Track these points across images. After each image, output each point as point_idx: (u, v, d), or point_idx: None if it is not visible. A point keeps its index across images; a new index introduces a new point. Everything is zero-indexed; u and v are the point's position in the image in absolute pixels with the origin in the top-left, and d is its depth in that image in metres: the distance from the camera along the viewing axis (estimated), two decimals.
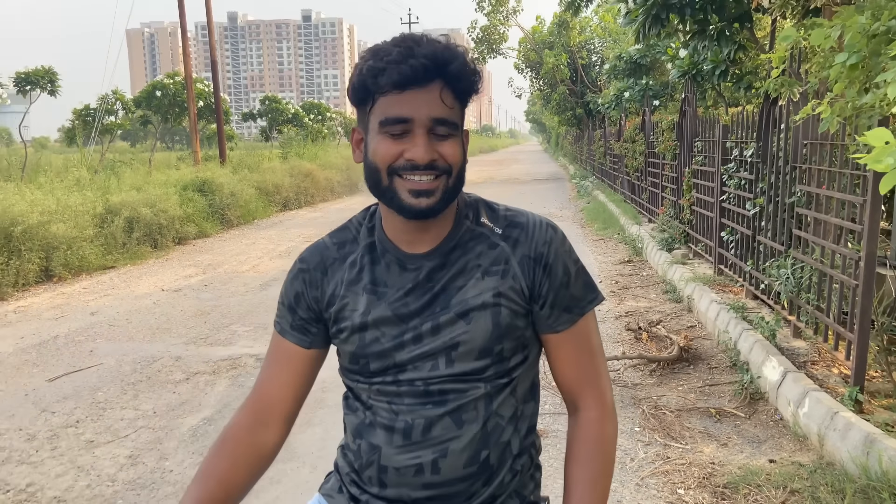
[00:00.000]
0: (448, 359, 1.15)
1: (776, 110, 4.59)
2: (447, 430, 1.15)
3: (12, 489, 3.13)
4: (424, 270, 1.17)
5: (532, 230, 1.19)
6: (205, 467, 1.20)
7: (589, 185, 17.33)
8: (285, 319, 1.26)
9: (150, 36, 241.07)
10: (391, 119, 1.08)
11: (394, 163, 1.09)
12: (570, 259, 1.20)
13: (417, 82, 1.06)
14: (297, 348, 1.24)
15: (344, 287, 1.21)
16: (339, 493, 1.25)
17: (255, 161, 17.03)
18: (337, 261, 1.23)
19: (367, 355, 1.18)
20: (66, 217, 8.44)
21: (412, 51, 1.06)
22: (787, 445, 3.25)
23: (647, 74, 14.27)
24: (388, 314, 1.17)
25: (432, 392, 1.15)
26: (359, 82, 1.09)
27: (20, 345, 5.44)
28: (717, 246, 6.18)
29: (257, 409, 1.25)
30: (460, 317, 1.14)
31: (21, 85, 13.69)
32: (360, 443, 1.20)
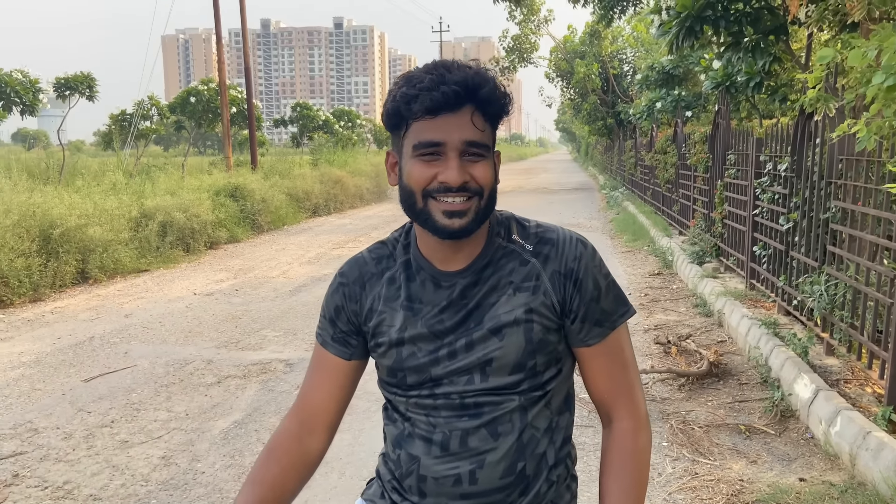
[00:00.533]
0: (482, 374, 1.18)
1: (811, 125, 4.54)
2: (483, 442, 1.18)
3: (50, 486, 3.22)
4: (458, 288, 1.20)
5: (562, 246, 1.21)
6: (257, 473, 1.24)
7: (619, 195, 17.24)
8: (326, 331, 1.30)
9: (184, 42, 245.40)
10: (424, 143, 1.11)
11: (428, 185, 1.13)
12: (601, 274, 1.22)
13: (449, 108, 1.09)
14: (339, 360, 1.29)
15: (382, 302, 1.25)
16: (381, 498, 1.29)
17: (286, 167, 17.24)
18: (375, 276, 1.27)
19: (404, 369, 1.22)
20: (103, 220, 8.64)
21: (444, 77, 1.09)
22: (817, 464, 3.21)
23: (679, 85, 14.17)
24: (423, 331, 1.20)
25: (468, 405, 1.19)
26: (393, 108, 1.13)
27: (57, 345, 5.58)
28: (749, 260, 6.11)
29: (302, 418, 1.29)
30: (493, 333, 1.17)
31: (60, 90, 14.04)
32: (399, 453, 1.24)
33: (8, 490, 3.17)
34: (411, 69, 1.16)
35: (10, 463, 3.44)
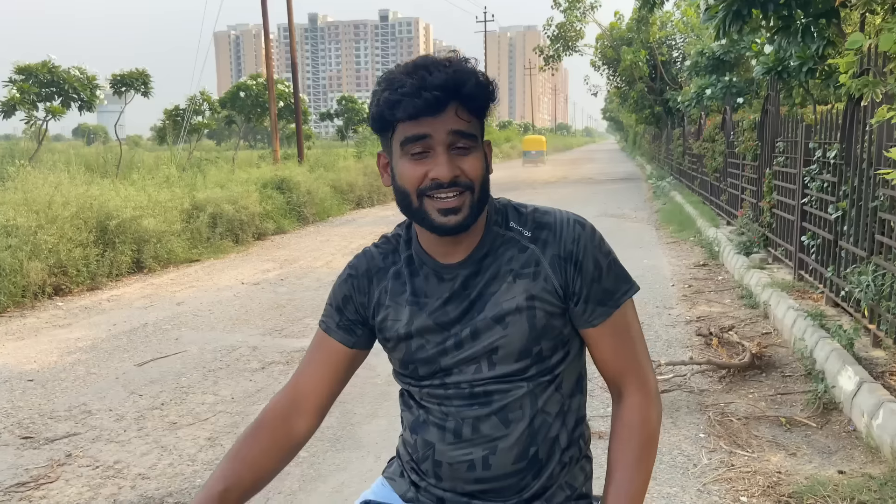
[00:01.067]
0: (489, 362, 1.21)
1: (860, 111, 4.41)
2: (495, 429, 1.21)
3: (101, 465, 3.37)
4: (460, 279, 1.22)
5: (560, 229, 1.22)
6: (237, 450, 1.24)
7: (666, 185, 16.95)
8: (332, 319, 1.33)
9: (235, 38, 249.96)
10: (411, 137, 1.12)
11: (420, 184, 1.14)
12: (601, 253, 1.23)
13: (432, 112, 1.10)
14: (341, 346, 1.31)
15: (388, 297, 1.28)
16: (401, 477, 1.34)
17: (331, 160, 17.49)
18: (382, 270, 1.30)
19: (414, 361, 1.25)
20: (156, 212, 8.93)
21: (424, 81, 1.09)
22: (858, 457, 3.15)
23: (730, 71, 13.82)
24: (429, 323, 1.23)
25: (477, 394, 1.21)
26: (377, 113, 1.15)
27: (112, 331, 5.81)
28: (798, 251, 5.97)
29: (294, 399, 1.30)
30: (496, 321, 1.19)
31: (117, 86, 14.50)
32: (416, 438, 1.28)
33: (61, 469, 3.34)
34: (392, 68, 1.17)
35: (63, 443, 3.62)
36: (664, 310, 5.95)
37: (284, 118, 21.15)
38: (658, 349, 4.85)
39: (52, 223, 7.37)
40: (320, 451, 3.45)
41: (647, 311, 5.91)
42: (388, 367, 1.39)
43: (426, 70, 1.10)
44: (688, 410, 3.77)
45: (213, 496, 1.15)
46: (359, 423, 3.78)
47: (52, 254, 7.12)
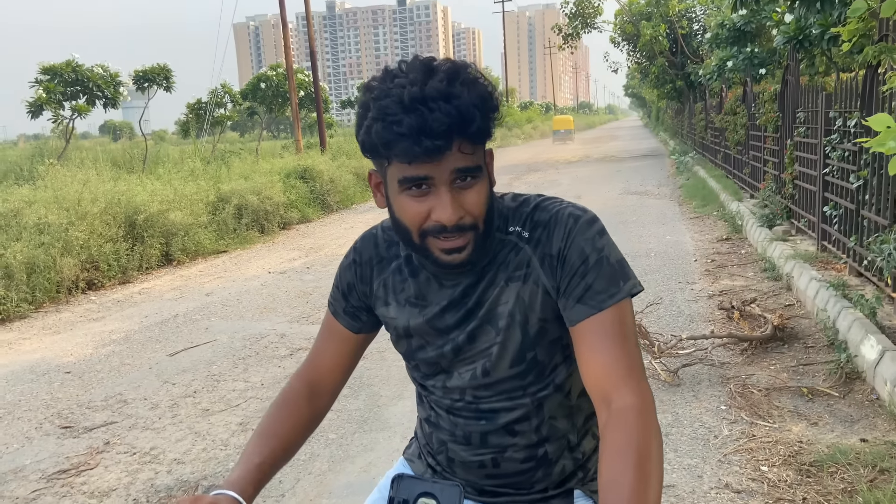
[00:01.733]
0: (484, 368, 1.19)
1: (878, 78, 4.35)
2: (503, 439, 1.23)
3: (138, 452, 3.51)
4: (460, 287, 1.19)
5: (553, 226, 1.14)
6: (268, 426, 1.26)
7: (689, 160, 16.77)
8: (339, 303, 1.32)
9: (254, 29, 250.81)
10: (410, 178, 1.04)
11: (423, 225, 1.08)
12: (592, 246, 1.11)
13: (432, 158, 1.02)
14: (347, 331, 1.32)
15: (388, 292, 1.26)
16: (419, 458, 1.37)
17: (353, 147, 17.55)
18: (385, 260, 1.27)
19: (415, 358, 1.27)
20: (183, 205, 9.11)
21: (425, 124, 0.98)
22: (881, 425, 3.15)
23: (752, 42, 13.58)
24: (427, 328, 1.22)
25: (483, 410, 1.22)
26: (370, 143, 1.05)
27: (144, 323, 5.98)
28: (820, 221, 5.92)
29: (311, 380, 1.33)
30: (491, 326, 1.18)
31: (139, 82, 14.71)
32: (430, 432, 1.31)
33: (100, 456, 3.48)
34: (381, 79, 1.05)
35: (101, 431, 3.77)
36: (686, 285, 5.95)
37: (305, 107, 21.26)
38: (680, 324, 4.87)
39: (83, 220, 7.56)
40: (348, 432, 3.55)
41: (669, 286, 5.92)
42: None
43: (425, 105, 0.99)
44: (709, 383, 3.80)
45: (252, 468, 1.18)
46: (385, 405, 3.87)
47: (84, 249, 7.31)
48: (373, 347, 1.43)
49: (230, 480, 1.14)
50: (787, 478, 2.78)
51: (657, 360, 3.95)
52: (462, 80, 1.02)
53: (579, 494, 1.27)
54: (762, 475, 2.83)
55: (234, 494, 1.10)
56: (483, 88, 1.04)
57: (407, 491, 1.14)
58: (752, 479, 2.80)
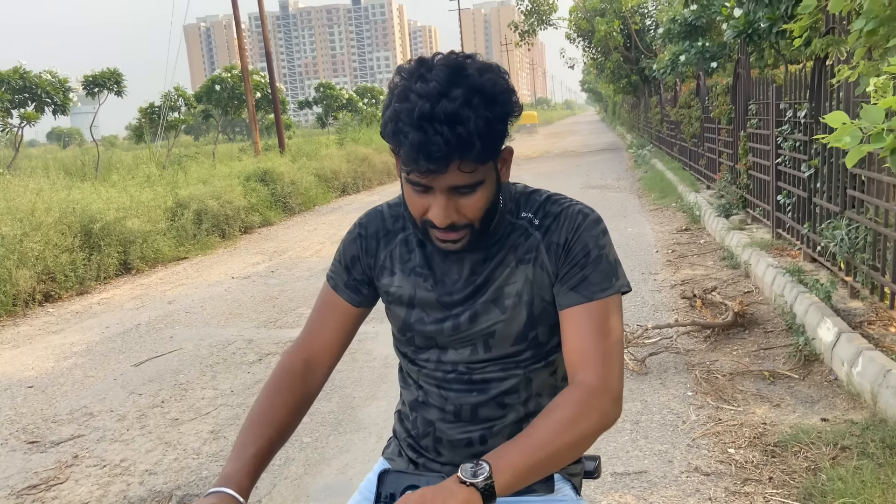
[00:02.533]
0: (486, 345, 1.24)
1: (827, 70, 4.51)
2: (492, 412, 1.26)
3: (108, 464, 3.45)
4: (468, 264, 1.24)
5: (563, 218, 1.22)
6: (263, 412, 1.24)
7: (646, 153, 17.07)
8: (340, 276, 1.35)
9: (206, 30, 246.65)
10: (412, 181, 1.12)
11: (422, 216, 1.15)
12: (595, 244, 1.20)
13: (426, 176, 1.08)
14: (348, 305, 1.34)
15: (395, 263, 1.30)
16: (399, 456, 1.38)
17: (313, 148, 17.45)
18: (391, 233, 1.31)
19: (412, 330, 1.29)
20: (140, 212, 8.93)
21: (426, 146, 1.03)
22: (840, 404, 3.28)
23: (703, 36, 13.87)
24: (431, 299, 1.26)
25: (475, 380, 1.26)
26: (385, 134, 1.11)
27: (106, 334, 5.86)
28: (774, 210, 6.10)
29: (307, 357, 1.32)
30: (496, 306, 1.22)
31: (89, 87, 14.38)
32: (416, 416, 1.33)
33: (69, 470, 3.41)
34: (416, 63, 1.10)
35: (69, 445, 3.69)
36: (649, 275, 6.07)
37: (262, 109, 21.05)
38: (645, 314, 4.97)
39: (37, 230, 7.37)
40: (323, 435, 3.55)
41: (633, 277, 6.03)
42: (385, 350, 1.46)
43: (431, 125, 1.03)
44: (675, 371, 3.89)
45: (247, 460, 1.16)
46: (359, 406, 3.87)
47: (40, 261, 7.13)
48: None
49: (224, 475, 1.12)
50: (754, 459, 2.88)
51: (625, 349, 4.03)
52: (476, 103, 1.04)
53: (559, 478, 1.31)
54: (729, 457, 2.92)
55: (229, 491, 1.09)
56: (496, 109, 1.07)
57: (393, 485, 1.16)
58: (720, 462, 2.89)
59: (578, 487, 1.35)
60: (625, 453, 3.05)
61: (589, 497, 2.70)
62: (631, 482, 2.81)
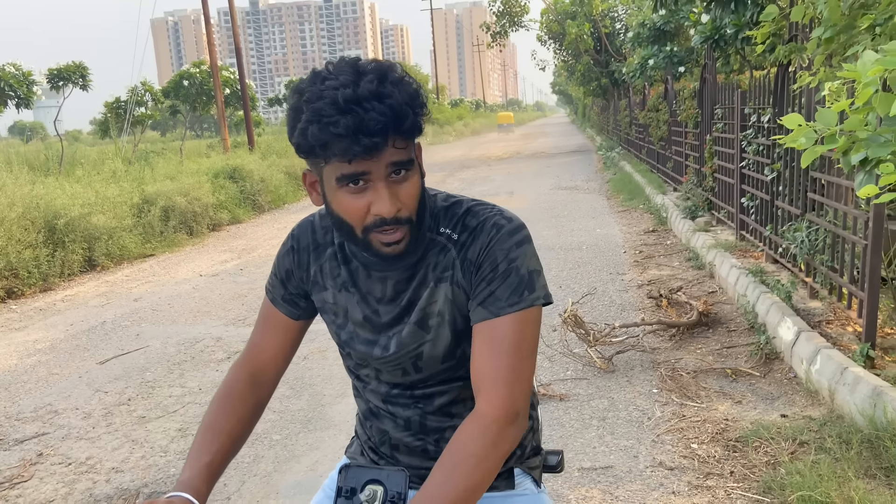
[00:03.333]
0: (415, 366, 1.24)
1: (789, 76, 4.63)
2: (441, 422, 1.28)
3: (73, 462, 3.41)
4: (390, 283, 1.22)
5: (478, 233, 1.18)
6: (213, 422, 1.25)
7: (615, 156, 17.27)
8: (277, 290, 1.34)
9: (174, 24, 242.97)
10: (349, 176, 1.07)
11: (364, 221, 1.11)
12: (505, 256, 1.16)
13: (370, 155, 1.05)
14: (287, 318, 1.34)
15: (324, 277, 1.28)
16: (361, 455, 1.40)
17: (283, 146, 17.29)
18: (321, 246, 1.30)
19: (348, 346, 1.29)
20: (106, 208, 8.79)
21: (361, 124, 1.01)
22: (799, 401, 3.38)
23: (671, 41, 14.11)
24: (360, 318, 1.25)
25: (418, 397, 1.27)
26: (305, 145, 1.06)
27: (70, 331, 5.76)
28: (738, 212, 6.24)
29: (253, 370, 1.33)
30: (421, 328, 1.21)
31: (54, 81, 14.08)
32: (370, 424, 1.34)
33: (34, 468, 3.36)
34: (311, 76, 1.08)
35: (33, 443, 3.64)
36: (617, 276, 6.17)
37: (231, 105, 20.83)
38: (613, 313, 5.05)
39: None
40: (292, 433, 3.54)
41: (601, 277, 6.12)
42: None
43: (360, 106, 1.02)
44: (641, 368, 3.97)
45: (202, 468, 1.18)
46: (329, 404, 3.87)
47: (2, 257, 6.98)
48: (313, 347, 1.45)
49: (182, 482, 1.15)
50: (716, 454, 2.96)
51: (592, 348, 4.10)
52: (391, 80, 1.05)
53: (518, 472, 1.34)
54: (693, 452, 2.99)
55: (187, 496, 1.11)
56: (411, 87, 1.08)
57: (354, 479, 1.18)
58: (683, 457, 2.96)
59: (539, 480, 1.37)
60: (591, 449, 3.10)
61: (555, 491, 2.76)
62: (597, 477, 2.87)
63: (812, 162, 4.26)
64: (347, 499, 1.16)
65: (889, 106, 1.03)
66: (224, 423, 1.26)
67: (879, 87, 1.04)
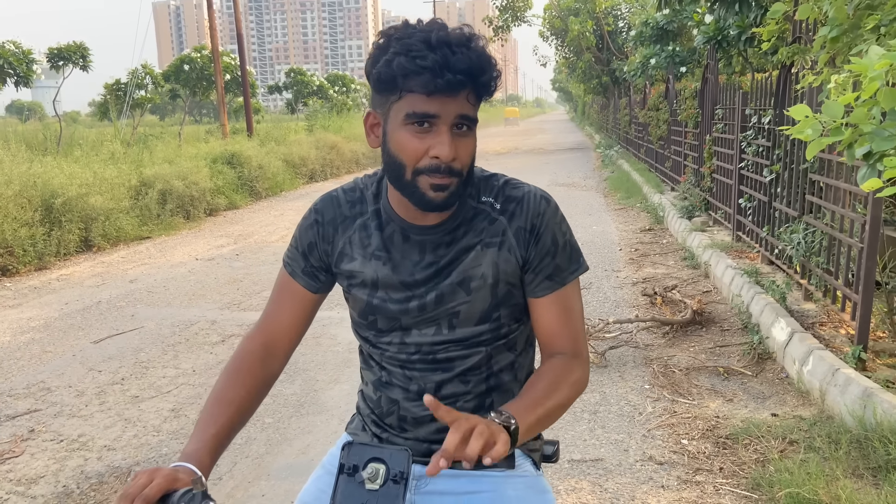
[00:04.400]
0: (450, 325, 1.26)
1: (792, 77, 4.64)
2: (455, 389, 1.29)
3: (65, 439, 3.41)
4: (430, 245, 1.25)
5: (527, 203, 1.25)
6: (223, 394, 1.27)
7: (614, 154, 17.29)
8: (297, 263, 1.34)
9: (175, 9, 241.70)
10: (419, 114, 1.11)
11: (419, 162, 1.14)
12: (560, 230, 1.27)
13: (448, 94, 1.10)
14: (305, 291, 1.34)
15: (353, 248, 1.29)
16: (363, 431, 1.40)
17: (282, 134, 17.28)
18: (348, 219, 1.31)
19: (375, 313, 1.30)
20: (103, 189, 8.76)
21: (447, 61, 1.07)
22: (790, 401, 3.40)
23: (673, 41, 14.11)
24: (394, 281, 1.26)
25: (440, 360, 1.28)
26: (387, 75, 1.10)
27: (65, 310, 5.75)
28: (736, 213, 6.26)
29: (266, 342, 1.34)
30: (461, 287, 1.24)
31: (54, 60, 14.00)
32: (380, 395, 1.34)
33: (25, 444, 3.36)
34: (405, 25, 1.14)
35: (25, 419, 3.64)
36: (612, 273, 6.18)
37: (231, 91, 20.75)
38: (607, 309, 5.07)
39: None
40: (285, 416, 3.55)
41: (596, 274, 6.14)
42: (349, 335, 1.47)
43: (448, 48, 1.08)
44: (634, 364, 3.99)
45: (207, 439, 1.18)
46: (322, 389, 3.88)
47: None
48: (307, 333, 1.44)
49: (186, 452, 1.15)
50: (706, 450, 2.98)
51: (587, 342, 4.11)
52: (477, 40, 1.13)
53: (519, 454, 1.35)
54: (683, 448, 3.01)
55: (191, 466, 1.11)
56: (491, 56, 1.15)
57: (357, 457, 1.18)
58: (673, 452, 2.98)
59: (538, 463, 1.39)
60: (582, 441, 3.12)
61: (547, 481, 2.77)
62: (587, 469, 2.88)
63: (811, 164, 4.29)
64: (349, 476, 1.16)
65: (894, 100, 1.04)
66: (233, 394, 1.26)
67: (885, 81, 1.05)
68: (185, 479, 1.08)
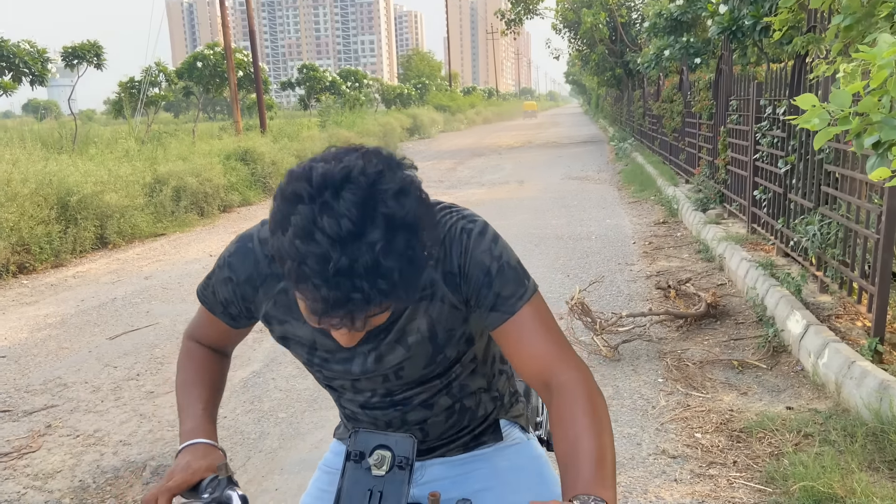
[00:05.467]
0: (396, 376, 1.22)
1: (806, 67, 4.59)
2: (421, 415, 1.27)
3: (81, 434, 3.45)
4: None
5: (448, 243, 1.14)
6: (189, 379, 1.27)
7: (627, 147, 17.18)
8: (216, 307, 1.25)
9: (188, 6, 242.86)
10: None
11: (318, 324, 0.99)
12: (489, 257, 1.13)
13: (339, 326, 0.95)
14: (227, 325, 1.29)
15: (281, 311, 1.20)
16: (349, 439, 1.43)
17: (295, 130, 17.34)
18: (269, 278, 1.18)
19: (320, 370, 1.24)
20: (118, 187, 8.83)
21: (345, 301, 0.89)
22: (805, 394, 3.37)
23: (688, 32, 13.96)
24: (332, 345, 1.18)
25: (397, 400, 1.26)
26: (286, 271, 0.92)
27: (81, 307, 5.81)
28: (751, 205, 6.20)
29: (211, 347, 1.35)
30: (400, 343, 1.18)
31: (68, 59, 14.09)
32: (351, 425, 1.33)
33: (42, 439, 3.40)
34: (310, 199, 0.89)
35: (42, 415, 3.68)
36: (626, 266, 6.15)
37: (244, 88, 20.80)
38: (620, 302, 5.05)
39: (12, 201, 7.27)
40: (298, 411, 3.57)
41: (609, 267, 6.11)
42: None
43: (350, 281, 0.88)
44: (647, 358, 3.97)
45: (200, 414, 1.21)
46: None
47: (14, 232, 7.04)
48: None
49: (187, 431, 1.17)
50: (720, 443, 2.96)
51: (599, 336, 4.10)
52: (401, 239, 0.90)
53: (505, 423, 1.36)
54: (696, 441, 2.99)
55: (201, 440, 1.15)
56: (423, 238, 0.94)
57: (363, 443, 1.20)
58: (686, 446, 2.97)
59: (525, 427, 1.39)
60: None
61: None
62: None
63: (827, 155, 4.23)
64: (356, 462, 1.17)
65: None
66: (205, 376, 1.30)
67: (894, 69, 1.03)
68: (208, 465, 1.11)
